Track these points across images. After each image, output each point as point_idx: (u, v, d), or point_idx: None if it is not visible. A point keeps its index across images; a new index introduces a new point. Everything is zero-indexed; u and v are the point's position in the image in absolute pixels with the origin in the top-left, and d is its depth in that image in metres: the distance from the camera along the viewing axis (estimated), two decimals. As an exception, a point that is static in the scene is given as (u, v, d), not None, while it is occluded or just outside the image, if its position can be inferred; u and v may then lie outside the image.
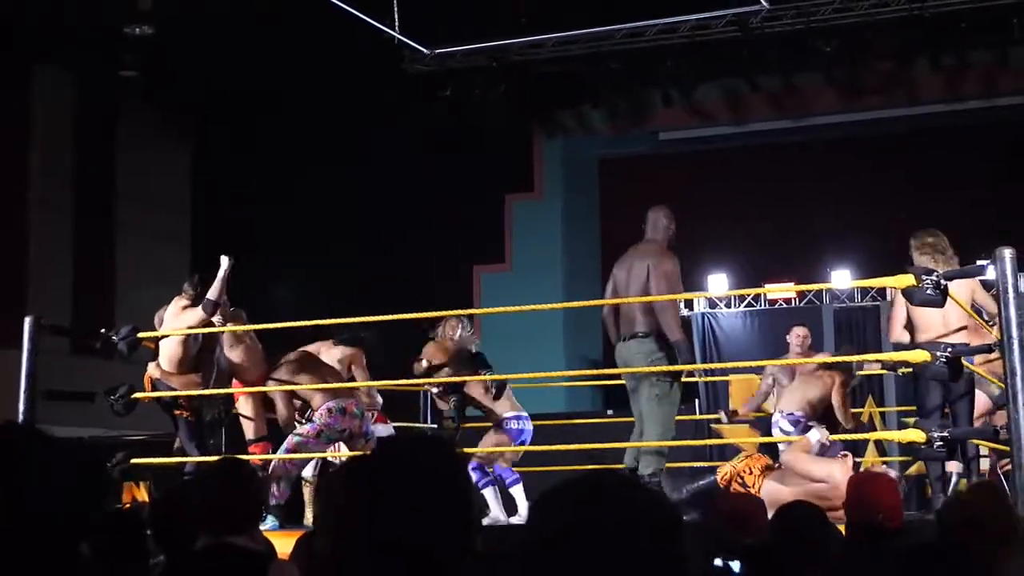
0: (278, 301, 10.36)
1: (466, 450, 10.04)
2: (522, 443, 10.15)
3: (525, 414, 10.25)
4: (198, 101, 17.56)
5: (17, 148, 16.69)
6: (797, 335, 11.47)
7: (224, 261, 8.97)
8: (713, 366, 14.38)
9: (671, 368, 8.22)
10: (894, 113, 16.42)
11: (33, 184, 16.88)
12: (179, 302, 9.09)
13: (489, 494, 10.18)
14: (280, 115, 16.69)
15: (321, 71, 15.72)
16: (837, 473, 8.30)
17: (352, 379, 10.10)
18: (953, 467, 8.23)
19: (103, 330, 8.93)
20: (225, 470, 4.67)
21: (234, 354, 9.40)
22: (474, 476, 10.24)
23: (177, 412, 8.94)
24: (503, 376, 10.20)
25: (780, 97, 16.38)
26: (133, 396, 8.79)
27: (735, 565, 4.29)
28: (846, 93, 15.92)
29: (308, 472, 10.12)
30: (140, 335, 8.80)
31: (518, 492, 10.06)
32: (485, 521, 9.81)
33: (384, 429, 10.49)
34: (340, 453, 9.66)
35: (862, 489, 4.76)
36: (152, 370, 9.07)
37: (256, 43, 15.05)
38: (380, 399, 10.91)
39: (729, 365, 14.18)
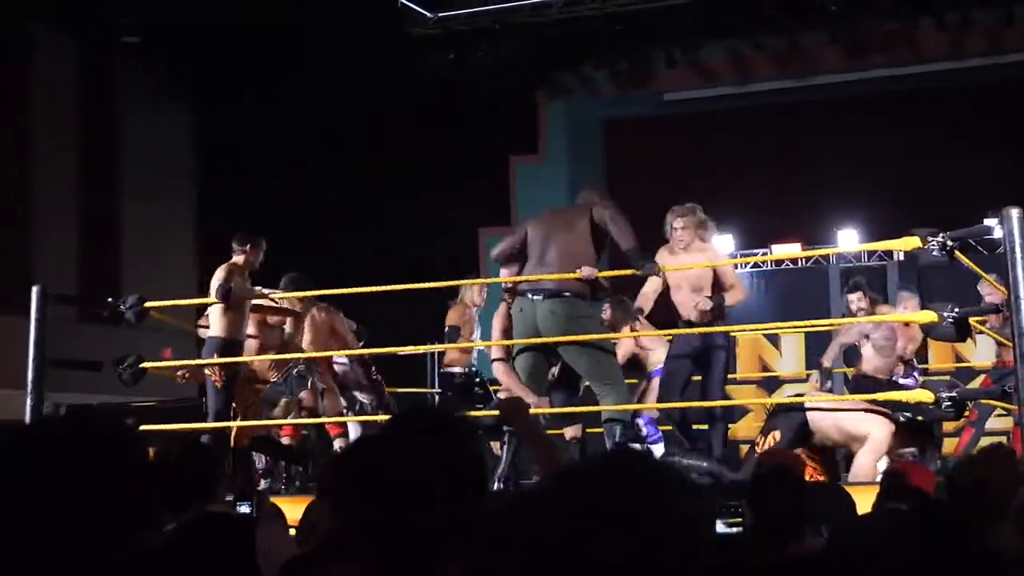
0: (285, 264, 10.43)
1: (636, 406, 9.67)
2: None
3: None
4: (201, 64, 17.49)
5: (20, 113, 16.65)
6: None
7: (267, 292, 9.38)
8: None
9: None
10: (899, 72, 16.36)
11: (37, 150, 16.85)
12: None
13: (659, 450, 9.91)
14: (284, 78, 16.63)
15: (325, 35, 15.66)
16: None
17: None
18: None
19: (110, 299, 8.94)
20: (185, 448, 4.75)
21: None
22: (646, 430, 10.01)
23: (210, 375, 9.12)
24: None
25: (784, 57, 16.32)
26: (141, 366, 8.81)
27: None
28: (851, 52, 15.86)
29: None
30: (147, 304, 8.81)
31: (658, 451, 9.80)
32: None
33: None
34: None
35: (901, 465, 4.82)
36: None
37: (259, 6, 14.99)
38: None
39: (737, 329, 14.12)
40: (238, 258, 9.17)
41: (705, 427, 8.72)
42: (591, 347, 7.87)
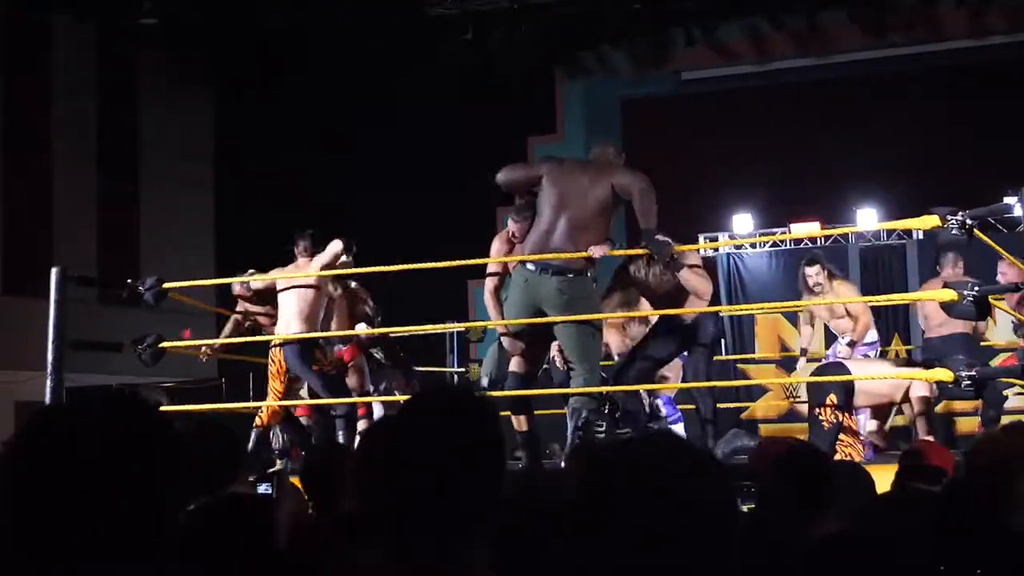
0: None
1: (659, 386, 9.59)
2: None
3: None
4: (220, 48, 17.50)
5: (39, 100, 16.70)
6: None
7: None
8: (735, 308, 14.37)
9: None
10: (918, 50, 16.27)
11: (56, 136, 16.91)
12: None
13: (679, 430, 9.85)
14: (302, 60, 16.63)
15: (343, 15, 15.64)
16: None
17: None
18: None
19: (129, 280, 8.98)
20: (204, 430, 4.77)
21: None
22: (666, 410, 9.98)
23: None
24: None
25: (803, 35, 16.24)
26: (160, 346, 8.85)
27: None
28: (870, 30, 15.77)
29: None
30: (165, 285, 8.84)
31: (679, 431, 9.67)
32: None
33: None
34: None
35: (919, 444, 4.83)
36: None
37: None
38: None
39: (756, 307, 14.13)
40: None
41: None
42: (583, 326, 7.76)
